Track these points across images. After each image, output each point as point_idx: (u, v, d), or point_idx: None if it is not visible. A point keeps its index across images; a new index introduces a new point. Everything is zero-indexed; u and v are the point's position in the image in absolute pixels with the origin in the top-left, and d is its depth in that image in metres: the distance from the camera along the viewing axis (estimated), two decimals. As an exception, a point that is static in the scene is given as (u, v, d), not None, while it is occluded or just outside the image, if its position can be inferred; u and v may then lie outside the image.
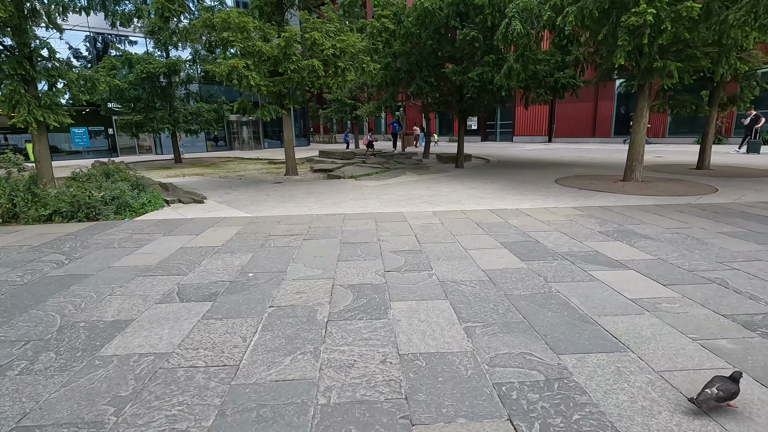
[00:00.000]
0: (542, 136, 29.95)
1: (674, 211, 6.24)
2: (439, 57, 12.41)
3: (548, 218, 5.95)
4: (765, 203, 6.74)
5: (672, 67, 6.94)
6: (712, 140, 10.95)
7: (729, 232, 5.06)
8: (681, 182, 8.97)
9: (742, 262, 3.99)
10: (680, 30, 6.52)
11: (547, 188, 8.70)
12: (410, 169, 13.51)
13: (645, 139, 8.67)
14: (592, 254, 4.29)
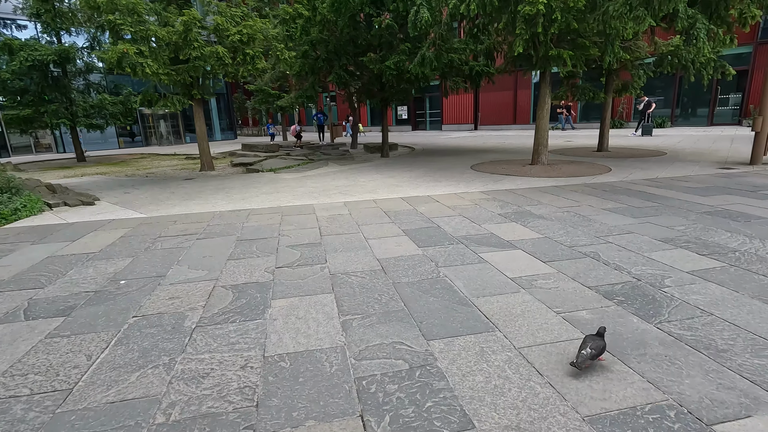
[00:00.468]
0: (469, 124, 31.00)
1: (570, 191, 6.66)
2: (358, 45, 12.23)
3: (455, 203, 6.08)
4: (647, 180, 7.42)
5: (565, 55, 7.36)
6: (610, 125, 11.89)
7: (612, 208, 5.47)
8: (581, 164, 9.65)
9: (617, 235, 4.30)
10: (569, 20, 6.90)
11: (461, 174, 8.94)
12: (335, 160, 13.29)
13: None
14: (487, 236, 4.41)
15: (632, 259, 3.62)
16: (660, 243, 4.00)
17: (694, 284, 3.06)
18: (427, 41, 9.84)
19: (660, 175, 7.90)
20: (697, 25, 7.59)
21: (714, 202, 5.59)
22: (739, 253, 3.65)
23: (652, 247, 3.89)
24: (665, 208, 5.37)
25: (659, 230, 4.41)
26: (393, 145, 16.82)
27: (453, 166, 10.26)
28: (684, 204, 5.53)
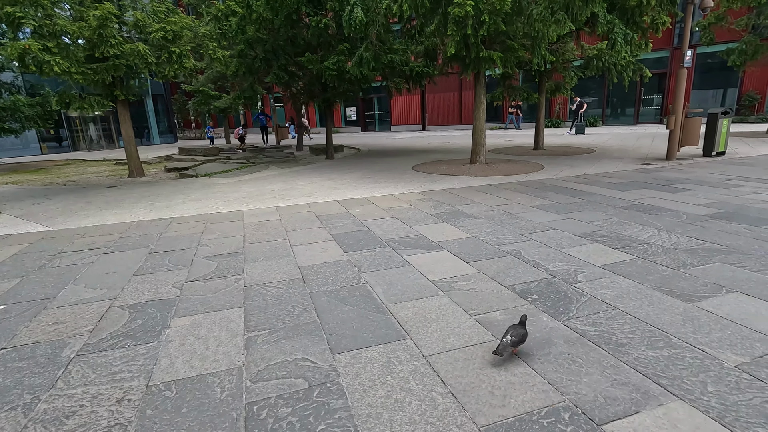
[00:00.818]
0: (417, 124, 31.38)
1: (503, 189, 6.81)
2: (298, 45, 11.92)
3: (390, 205, 6.01)
4: (575, 177, 7.75)
5: (495, 57, 7.53)
6: (546, 124, 12.39)
7: (539, 205, 5.63)
8: (517, 162, 9.96)
9: (540, 232, 4.40)
10: (498, 22, 7.05)
11: (402, 175, 8.93)
12: (277, 163, 12.89)
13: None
14: (415, 238, 4.35)
15: (551, 255, 3.69)
16: (578, 238, 4.13)
17: (604, 278, 3.15)
18: (366, 42, 9.75)
19: (587, 171, 8.29)
20: (615, 30, 8.03)
21: (631, 196, 5.91)
22: (647, 246, 3.83)
23: (571, 243, 4.00)
24: (588, 203, 5.59)
25: (579, 226, 4.56)
26: (339, 147, 16.62)
27: (395, 167, 10.24)
28: (605, 199, 5.80)
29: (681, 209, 5.09)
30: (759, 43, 13.50)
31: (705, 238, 3.97)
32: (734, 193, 5.84)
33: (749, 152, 10.04)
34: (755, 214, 4.74)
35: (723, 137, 9.57)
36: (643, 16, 8.81)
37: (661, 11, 8.86)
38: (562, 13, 6.50)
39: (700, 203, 5.36)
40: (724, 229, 4.22)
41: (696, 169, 7.98)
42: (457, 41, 7.36)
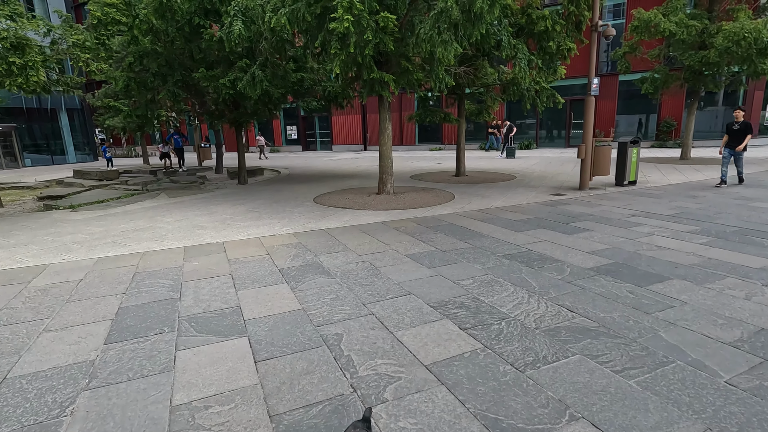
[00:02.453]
0: (358, 144, 30.73)
1: (390, 229, 5.94)
2: (195, 59, 10.73)
3: (244, 254, 4.94)
4: (478, 211, 7.07)
5: (387, 78, 6.77)
6: (464, 148, 11.89)
7: (417, 252, 4.78)
8: (429, 192, 9.24)
9: (390, 299, 3.49)
10: (386, 41, 6.31)
11: (296, 207, 7.89)
12: (177, 190, 11.46)
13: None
14: (225, 314, 3.30)
15: (377, 344, 2.77)
16: (430, 311, 3.25)
17: (419, 393, 2.24)
18: (261, 58, 8.76)
19: (495, 204, 7.66)
20: (518, 55, 7.56)
21: (523, 239, 5.22)
22: (505, 323, 3.00)
23: (416, 319, 3.11)
24: (471, 251, 4.81)
25: (443, 288, 3.71)
26: (259, 170, 15.41)
27: (298, 197, 9.20)
28: (493, 244, 5.06)
29: (569, 259, 4.41)
30: (669, 73, 13.94)
31: (578, 308, 3.22)
32: (631, 235, 5.30)
33: (660, 180, 9.94)
34: (644, 266, 4.11)
35: (633, 166, 9.38)
36: (549, 42, 8.48)
37: (567, 38, 8.59)
38: (449, 34, 5.85)
39: (591, 249, 4.72)
40: (605, 292, 3.51)
41: (603, 202, 7.57)
42: (342, 60, 6.53)
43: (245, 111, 11.41)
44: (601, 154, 9.09)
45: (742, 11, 12.15)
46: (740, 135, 8.47)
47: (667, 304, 3.26)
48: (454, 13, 5.51)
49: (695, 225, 5.72)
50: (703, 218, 6.10)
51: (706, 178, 10.02)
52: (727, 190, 8.38)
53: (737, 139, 8.51)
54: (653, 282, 3.72)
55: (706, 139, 20.19)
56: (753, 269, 3.96)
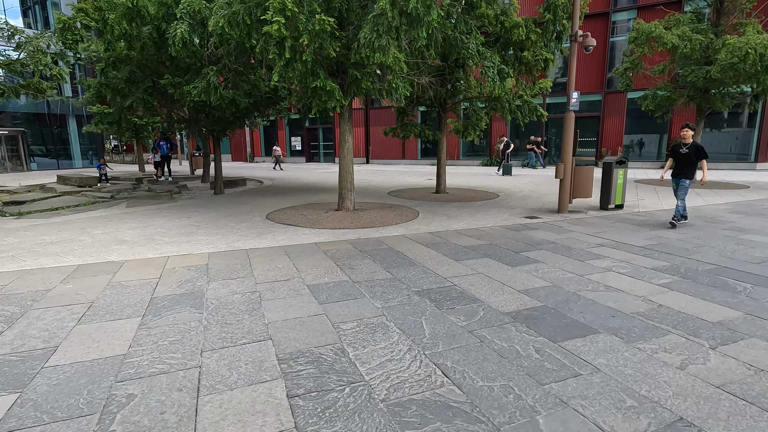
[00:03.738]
0: (361, 158, 30.36)
1: (319, 252, 5.32)
2: (167, 65, 10.45)
3: (137, 275, 4.39)
4: (432, 234, 6.40)
5: (329, 87, 6.23)
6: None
7: (323, 283, 4.14)
8: (394, 209, 8.60)
9: (237, 346, 2.87)
10: (326, 46, 5.79)
11: (242, 223, 7.36)
12: (143, 199, 11.12)
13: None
14: (32, 356, 2.73)
15: (164, 415, 2.14)
16: (272, 366, 2.61)
17: (144, 505, 1.60)
18: (218, 65, 8.38)
19: (454, 226, 6.98)
20: (485, 63, 6.95)
21: (457, 270, 4.53)
22: (349, 390, 2.34)
23: (244, 378, 2.47)
24: (388, 283, 4.15)
25: (314, 333, 3.07)
26: (241, 180, 15.05)
27: (254, 210, 8.68)
28: (419, 275, 4.39)
29: (491, 299, 3.71)
30: (672, 90, 13.07)
31: (457, 371, 2.53)
32: (584, 270, 4.55)
33: (652, 205, 9.08)
34: (575, 313, 3.39)
35: (620, 189, 8.55)
36: (524, 52, 7.84)
37: (545, 48, 7.94)
38: (387, 38, 5.28)
39: (526, 287, 4.01)
40: (506, 348, 2.81)
41: (575, 228, 6.80)
42: (282, 66, 6.03)
43: (215, 119, 11.04)
44: (581, 175, 8.33)
45: (751, 25, 11.29)
46: (689, 161, 6.56)
47: (573, 371, 2.54)
48: (389, 15, 4.96)
49: (665, 260, 4.93)
50: (678, 252, 5.29)
51: (703, 204, 9.11)
52: (722, 218, 7.49)
53: (685, 165, 6.60)
54: (574, 336, 2.99)
55: (724, 161, 19.02)
56: (707, 323, 3.19)
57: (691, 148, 6.53)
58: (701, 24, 12.02)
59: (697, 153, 6.50)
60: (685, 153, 6.60)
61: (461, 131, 11.85)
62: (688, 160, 6.58)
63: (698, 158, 6.52)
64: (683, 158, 6.62)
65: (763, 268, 4.57)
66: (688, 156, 6.57)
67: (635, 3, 20.20)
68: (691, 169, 6.59)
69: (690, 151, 6.55)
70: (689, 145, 6.57)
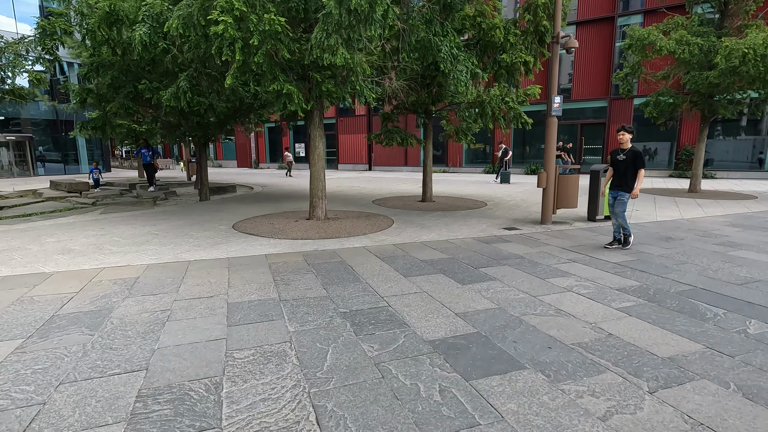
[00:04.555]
0: (364, 164, 30.16)
1: (263, 265, 4.99)
2: (147, 70, 10.34)
3: (59, 288, 4.12)
4: (397, 246, 6.02)
5: (288, 90, 5.93)
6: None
7: (247, 301, 3.80)
8: (369, 218, 8.24)
9: (104, 377, 2.53)
10: (280, 47, 5.50)
11: (206, 231, 7.09)
12: (124, 205, 10.98)
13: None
14: None
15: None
16: (124, 406, 2.27)
17: None
18: (189, 70, 8.19)
19: (424, 237, 6.58)
20: (458, 67, 6.59)
21: (399, 289, 4.15)
22: (196, 438, 1.98)
23: (85, 421, 2.13)
24: (317, 302, 3.80)
25: (200, 362, 2.73)
26: (231, 187, 14.88)
27: (225, 218, 8.41)
28: (356, 293, 4.02)
29: (421, 324, 3.32)
30: (675, 95, 12.47)
31: (335, 416, 2.15)
32: (541, 290, 4.12)
33: (646, 216, 8.53)
34: (508, 342, 2.98)
35: (608, 199, 8.03)
36: (503, 55, 7.46)
37: (525, 51, 7.54)
38: (335, 37, 4.97)
39: (466, 310, 3.60)
40: (406, 387, 2.42)
41: (552, 242, 6.34)
42: (237, 68, 5.76)
43: (195, 125, 10.88)
44: (566, 184, 7.85)
45: (756, 26, 10.68)
46: (627, 170, 5.61)
47: (472, 419, 2.14)
48: (335, 13, 4.65)
49: (636, 279, 4.46)
50: (655, 270, 4.81)
51: (701, 216, 8.53)
52: (716, 231, 6.94)
53: (623, 175, 5.64)
54: (493, 372, 2.59)
55: (737, 170, 18.19)
56: (655, 359, 2.75)
57: (629, 155, 5.59)
58: (703, 27, 11.44)
59: (635, 160, 5.55)
60: (622, 161, 5.63)
61: (448, 136, 11.51)
62: (627, 169, 5.62)
63: (636, 166, 5.56)
64: (621, 167, 5.66)
65: (743, 291, 4.08)
66: (626, 164, 5.60)
67: (641, 7, 19.62)
68: (630, 180, 5.63)
69: (628, 159, 5.59)
70: (627, 151, 5.62)
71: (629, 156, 5.59)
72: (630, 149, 5.60)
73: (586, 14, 20.89)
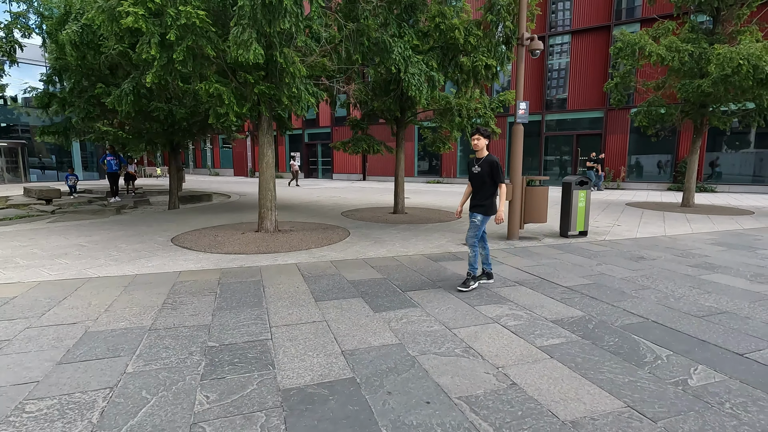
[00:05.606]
0: (358, 174, 29.78)
1: (169, 284, 4.45)
2: (105, 74, 9.98)
3: None
4: (335, 262, 5.46)
5: (217, 93, 5.45)
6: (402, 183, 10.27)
7: (113, 330, 3.26)
8: (324, 231, 7.69)
9: None
10: (203, 44, 5.04)
11: (139, 243, 6.59)
12: (83, 213, 10.57)
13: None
14: None
15: None
16: None
17: None
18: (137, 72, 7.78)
19: (371, 253, 6.01)
20: (409, 70, 6.08)
21: (298, 317, 3.58)
22: None
23: None
24: (191, 331, 3.24)
25: (-22, 414, 2.18)
26: (206, 195, 14.48)
27: (175, 229, 7.91)
28: (244, 321, 3.46)
29: (291, 365, 2.75)
30: (665, 104, 11.84)
31: None
32: (462, 321, 3.53)
33: (625, 232, 7.88)
34: (379, 394, 2.39)
35: (581, 213, 7.42)
36: (463, 58, 6.95)
37: (489, 54, 7.02)
38: (249, 30, 4.49)
39: (357, 346, 3.02)
40: (205, 462, 1.85)
41: (510, 260, 5.73)
42: (160, 66, 5.30)
43: (156, 133, 10.49)
44: (534, 197, 7.25)
45: (749, 33, 10.08)
46: (484, 184, 4.26)
47: None
48: (246, 6, 4.17)
49: (582, 308, 3.85)
50: (609, 296, 4.19)
51: (686, 233, 7.86)
52: (697, 250, 6.27)
53: (478, 191, 4.30)
54: (334, 440, 2.00)
55: (738, 183, 17.39)
56: (553, 425, 2.14)
57: (484, 166, 4.22)
58: (694, 34, 10.85)
59: (492, 172, 4.20)
60: (477, 173, 4.26)
61: (431, 144, 11.02)
62: (483, 184, 4.26)
63: (494, 180, 4.21)
64: (476, 181, 4.29)
65: (701, 325, 3.44)
66: (482, 177, 4.24)
67: (637, 16, 19.11)
68: (486, 197, 4.25)
69: (483, 170, 4.23)
70: (482, 161, 4.25)
71: (484, 167, 4.23)
72: (485, 158, 4.25)
73: (582, 23, 20.43)
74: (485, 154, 4.28)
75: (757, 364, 2.79)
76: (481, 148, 4.26)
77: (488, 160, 4.24)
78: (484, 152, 4.29)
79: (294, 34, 4.68)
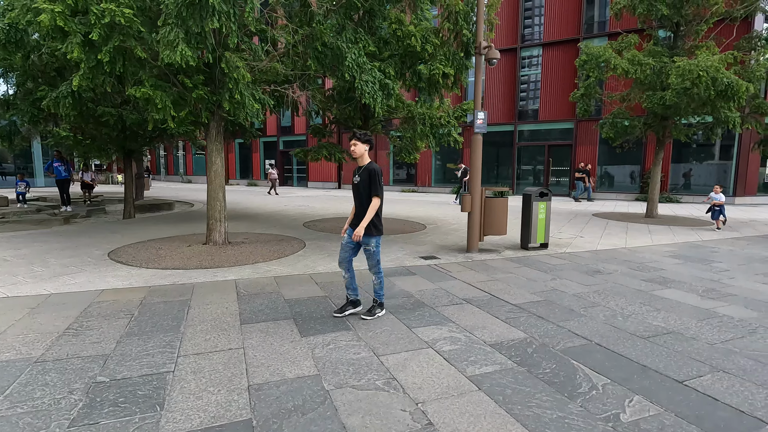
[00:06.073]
0: (333, 182, 29.44)
1: (83, 305, 4.04)
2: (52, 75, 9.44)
3: None
4: (281, 278, 5.12)
5: (148, 96, 5.08)
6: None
7: (-13, 363, 2.85)
8: (278, 244, 7.33)
9: None
10: (132, 44, 4.68)
11: (70, 258, 6.10)
12: (25, 223, 9.90)
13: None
14: None
15: None
16: None
17: None
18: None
19: (321, 268, 5.70)
20: (362, 77, 5.85)
21: (212, 344, 3.24)
22: None
23: None
24: (85, 362, 2.87)
25: None
26: (167, 204, 13.90)
27: (118, 240, 7.42)
28: (149, 350, 3.10)
29: (184, 405, 2.41)
30: (629, 116, 11.99)
31: None
32: (394, 347, 3.25)
33: (586, 244, 7.79)
34: (296, 417, 2.08)
35: (542, 225, 7.29)
36: (420, 66, 6.78)
37: (446, 62, 6.87)
38: (177, 31, 4.18)
39: (267, 380, 2.71)
40: None
41: (464, 275, 5.51)
42: (88, 68, 4.92)
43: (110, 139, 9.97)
44: (493, 209, 7.08)
45: (706, 47, 10.29)
46: (362, 197, 3.70)
47: None
48: (170, 4, 3.87)
49: (525, 329, 3.63)
50: (556, 315, 3.99)
51: (646, 244, 7.82)
52: (653, 264, 6.19)
53: (360, 205, 3.75)
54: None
55: (703, 194, 17.76)
56: (459, 478, 1.87)
57: (364, 175, 3.67)
58: (656, 47, 11.04)
59: (371, 182, 3.63)
60: (356, 183, 3.71)
61: (398, 152, 10.79)
62: (361, 196, 3.71)
63: (370, 193, 3.65)
64: (355, 192, 3.75)
65: (645, 348, 3.26)
66: (362, 188, 3.69)
67: (605, 30, 19.57)
68: (366, 210, 3.67)
69: (362, 180, 3.68)
70: (362, 170, 3.70)
71: (364, 176, 3.67)
72: (366, 167, 3.68)
73: (552, 36, 20.78)
74: (366, 162, 3.70)
75: (696, 393, 2.60)
76: (360, 154, 3.67)
77: (368, 168, 3.65)
78: (365, 159, 3.70)
79: (229, 34, 4.38)
